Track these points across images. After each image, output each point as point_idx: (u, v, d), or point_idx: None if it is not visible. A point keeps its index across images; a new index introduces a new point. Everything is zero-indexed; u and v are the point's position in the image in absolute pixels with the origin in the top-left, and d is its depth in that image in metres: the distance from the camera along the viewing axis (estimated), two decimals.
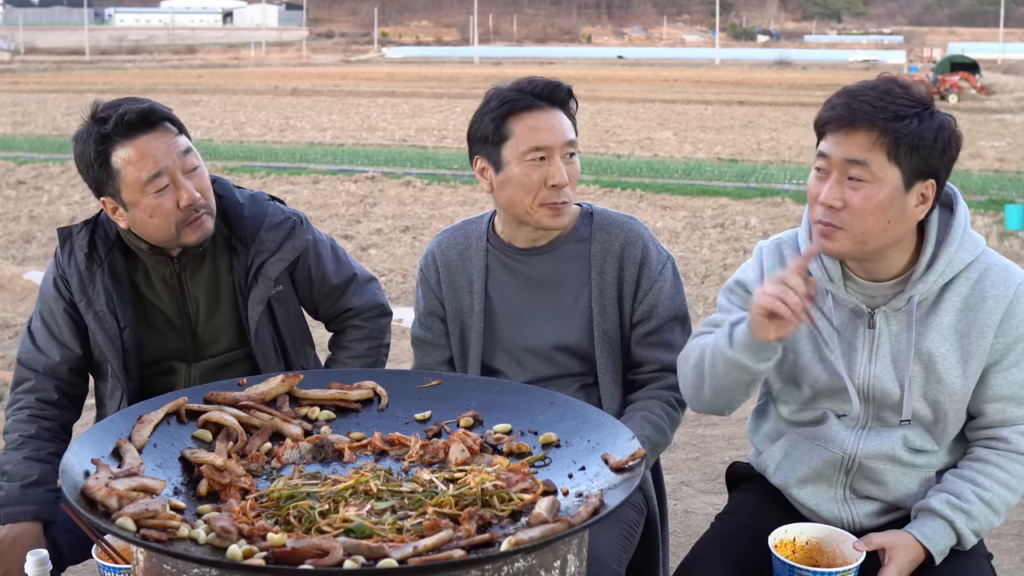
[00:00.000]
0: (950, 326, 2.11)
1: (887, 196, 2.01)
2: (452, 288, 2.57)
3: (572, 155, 2.43)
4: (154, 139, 2.38)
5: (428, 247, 2.64)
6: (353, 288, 2.73)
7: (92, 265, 2.50)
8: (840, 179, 2.03)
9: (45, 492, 2.37)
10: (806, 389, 2.22)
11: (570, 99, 2.45)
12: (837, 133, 2.02)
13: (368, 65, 71.50)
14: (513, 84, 2.45)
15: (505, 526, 1.64)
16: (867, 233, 2.03)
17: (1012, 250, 9.46)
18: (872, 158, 1.99)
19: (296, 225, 2.62)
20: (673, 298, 2.50)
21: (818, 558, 2.05)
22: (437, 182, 14.22)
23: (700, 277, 8.44)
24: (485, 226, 2.58)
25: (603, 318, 2.47)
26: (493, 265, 2.54)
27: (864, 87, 2.03)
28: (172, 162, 2.39)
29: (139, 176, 2.36)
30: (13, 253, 9.52)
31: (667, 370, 2.47)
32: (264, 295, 2.55)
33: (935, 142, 1.99)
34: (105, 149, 2.37)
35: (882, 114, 1.98)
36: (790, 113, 26.52)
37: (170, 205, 2.39)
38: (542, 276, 2.50)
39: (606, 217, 2.53)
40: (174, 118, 2.45)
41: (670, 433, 2.45)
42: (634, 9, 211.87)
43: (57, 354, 2.54)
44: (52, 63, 66.77)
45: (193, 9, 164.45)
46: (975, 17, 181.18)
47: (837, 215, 2.04)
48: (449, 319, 2.58)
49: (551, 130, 2.39)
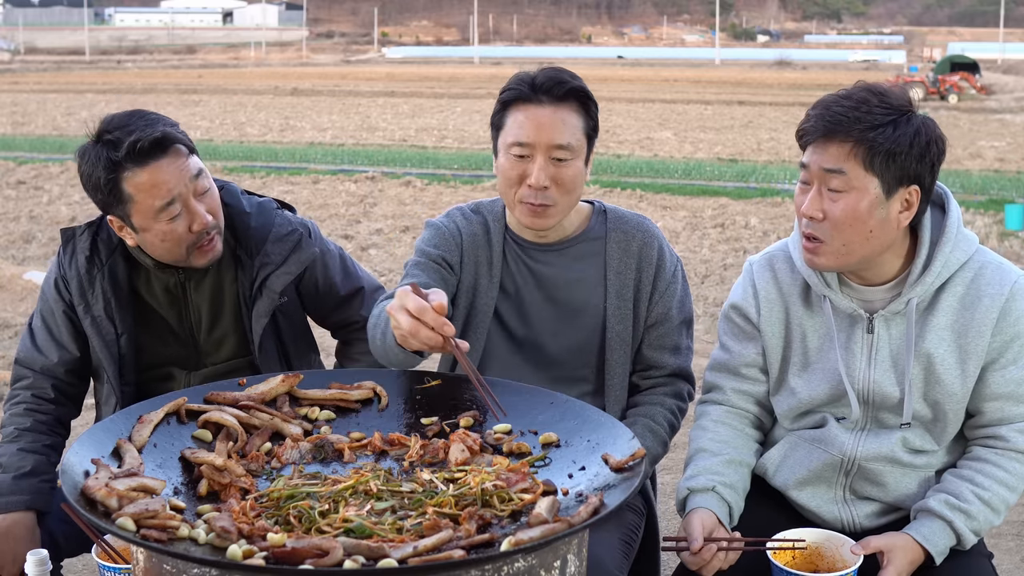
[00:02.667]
0: (947, 326, 2.11)
1: (867, 205, 2.00)
2: (473, 262, 2.43)
3: (562, 160, 2.28)
4: (166, 165, 2.33)
5: (448, 214, 2.49)
6: (360, 299, 2.70)
7: (92, 269, 2.49)
8: (820, 190, 2.04)
9: (39, 482, 2.37)
10: (805, 396, 2.22)
11: (575, 98, 2.30)
12: (815, 144, 2.03)
13: (368, 65, 71.50)
14: (521, 73, 2.35)
15: (505, 526, 1.64)
16: (849, 244, 2.04)
17: (1012, 250, 9.45)
18: (849, 168, 1.99)
19: (303, 237, 2.57)
20: (683, 301, 2.48)
21: (818, 563, 2.05)
22: (437, 182, 14.22)
23: (700, 277, 8.44)
24: (501, 211, 2.49)
25: (617, 319, 2.41)
26: (509, 254, 2.46)
27: (839, 97, 2.03)
28: (184, 188, 2.35)
29: (152, 204, 2.33)
30: (13, 253, 9.52)
31: (674, 375, 2.46)
32: (268, 308, 2.53)
33: (911, 148, 1.98)
34: (116, 176, 2.31)
35: (857, 124, 1.98)
36: (790, 113, 26.50)
37: (182, 230, 2.37)
38: (556, 273, 2.43)
39: (620, 216, 2.47)
40: (185, 140, 2.39)
41: (668, 443, 2.44)
42: (634, 9, 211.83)
43: (55, 355, 2.54)
44: (52, 63, 66.77)
45: (193, 9, 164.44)
46: (975, 17, 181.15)
47: (819, 226, 2.05)
48: (462, 290, 2.42)
49: (538, 128, 2.27)
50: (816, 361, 2.20)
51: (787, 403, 2.26)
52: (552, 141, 2.27)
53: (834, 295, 2.15)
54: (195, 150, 2.43)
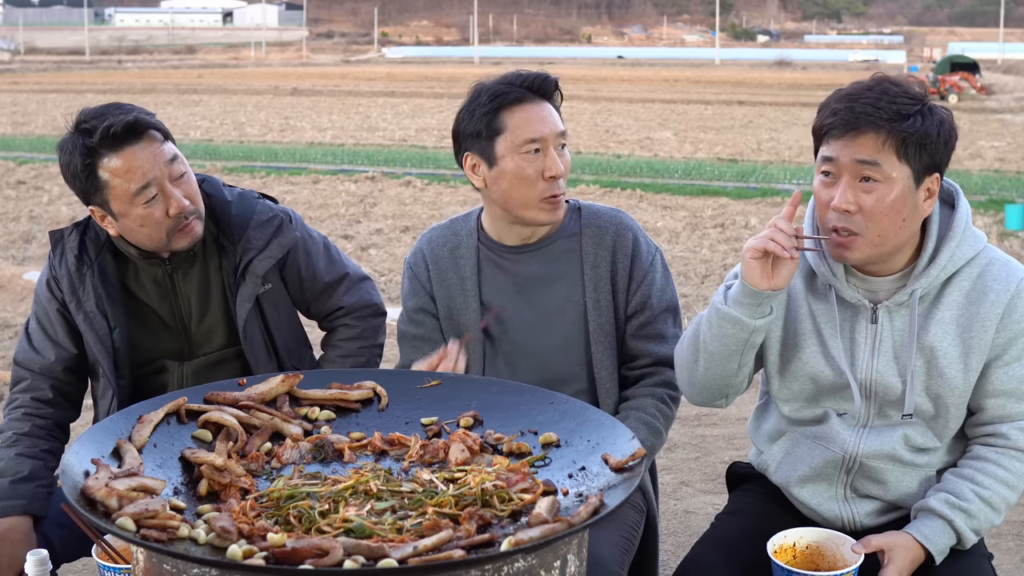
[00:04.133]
0: (952, 320, 2.11)
1: (900, 194, 2.02)
2: (443, 286, 2.54)
3: (563, 146, 2.43)
4: (140, 150, 2.37)
5: (417, 244, 2.62)
6: (344, 286, 2.72)
7: (82, 267, 2.51)
8: (851, 182, 2.04)
9: (35, 487, 2.37)
10: (808, 385, 2.22)
11: (556, 91, 2.45)
12: (843, 137, 2.03)
13: (368, 65, 71.50)
14: (500, 79, 2.43)
15: (505, 526, 1.64)
16: (884, 235, 2.05)
17: (1012, 250, 9.45)
18: (882, 159, 2.01)
19: (284, 222, 2.61)
20: (664, 289, 2.50)
21: (819, 562, 2.05)
22: (437, 182, 14.21)
23: (700, 277, 8.43)
24: (474, 224, 2.56)
25: (598, 312, 2.46)
26: (484, 264, 2.52)
27: (861, 89, 2.05)
28: (160, 172, 2.39)
29: (127, 188, 2.37)
30: (13, 253, 9.52)
31: (660, 363, 2.47)
32: (252, 293, 2.55)
33: (938, 136, 2.03)
34: (92, 162, 2.37)
35: (885, 114, 2.00)
36: (790, 113, 26.51)
37: (160, 214, 2.40)
38: (533, 274, 2.49)
39: (594, 211, 2.53)
40: (160, 126, 2.44)
41: (664, 433, 2.45)
42: (634, 9, 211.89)
43: (52, 354, 2.54)
44: (52, 63, 66.76)
45: (193, 9, 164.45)
46: (975, 17, 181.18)
47: (851, 219, 2.04)
48: (442, 317, 2.55)
49: (544, 121, 2.39)
50: (819, 345, 2.20)
51: (789, 389, 2.24)
52: (557, 130, 2.40)
53: (840, 284, 2.15)
54: (170, 137, 2.47)
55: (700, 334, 2.19)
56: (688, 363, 2.24)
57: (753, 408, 2.45)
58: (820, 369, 2.19)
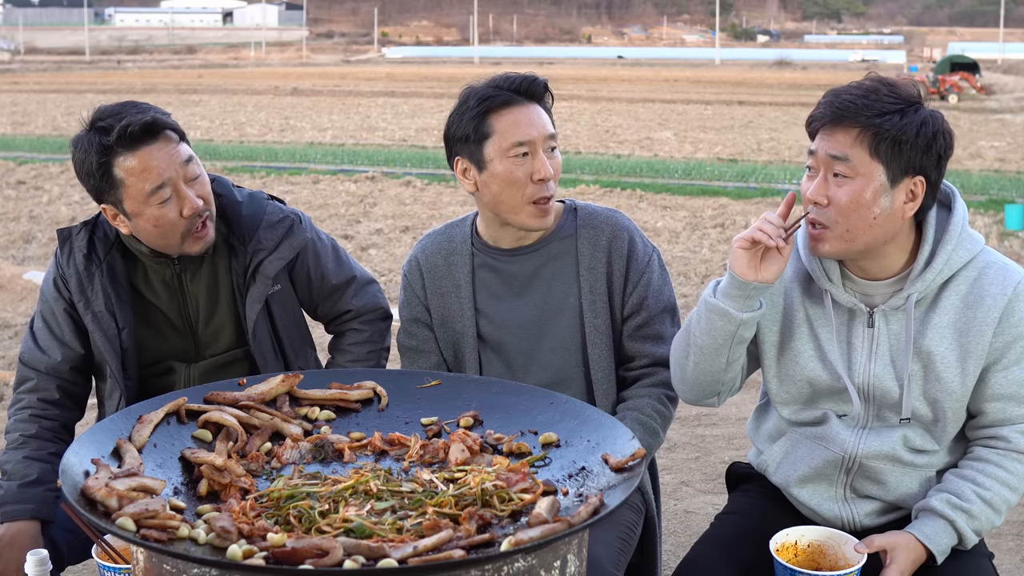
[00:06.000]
0: (949, 324, 2.11)
1: (871, 192, 2.02)
2: (438, 294, 2.54)
3: (553, 149, 2.41)
4: (156, 150, 2.37)
5: (412, 252, 2.61)
6: (353, 289, 2.72)
7: (91, 266, 2.50)
8: (826, 176, 2.06)
9: (44, 491, 2.37)
10: (805, 388, 2.22)
11: (546, 93, 2.43)
12: (823, 131, 2.06)
13: (368, 65, 71.49)
14: (489, 81, 2.43)
15: (505, 526, 1.64)
16: (852, 231, 2.05)
17: (1012, 250, 9.45)
18: (854, 154, 2.01)
19: (295, 223, 2.61)
20: (661, 289, 2.50)
21: (820, 561, 2.05)
22: (437, 182, 14.21)
23: (700, 277, 8.43)
24: (469, 229, 2.56)
25: (594, 314, 2.45)
26: (479, 268, 2.52)
27: (850, 86, 2.07)
28: (175, 172, 2.38)
29: (142, 188, 2.36)
30: (13, 253, 9.52)
31: (658, 364, 2.47)
32: (262, 294, 2.55)
33: (917, 137, 2.00)
34: (107, 160, 2.36)
35: (864, 111, 2.00)
36: (790, 113, 26.50)
37: (174, 215, 2.39)
38: (529, 276, 2.49)
39: (590, 212, 2.52)
40: (176, 126, 2.43)
41: (662, 433, 2.45)
42: (634, 9, 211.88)
43: (59, 353, 2.54)
44: (52, 63, 66.74)
45: (193, 9, 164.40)
46: (975, 17, 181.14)
47: (824, 212, 2.06)
48: (436, 326, 2.55)
49: (532, 124, 2.37)
50: (816, 350, 2.20)
51: (787, 392, 2.24)
52: (546, 132, 2.38)
53: (835, 288, 2.15)
54: (186, 138, 2.46)
55: (691, 328, 2.20)
56: (680, 358, 2.25)
57: (753, 408, 2.45)
58: (817, 373, 2.19)
